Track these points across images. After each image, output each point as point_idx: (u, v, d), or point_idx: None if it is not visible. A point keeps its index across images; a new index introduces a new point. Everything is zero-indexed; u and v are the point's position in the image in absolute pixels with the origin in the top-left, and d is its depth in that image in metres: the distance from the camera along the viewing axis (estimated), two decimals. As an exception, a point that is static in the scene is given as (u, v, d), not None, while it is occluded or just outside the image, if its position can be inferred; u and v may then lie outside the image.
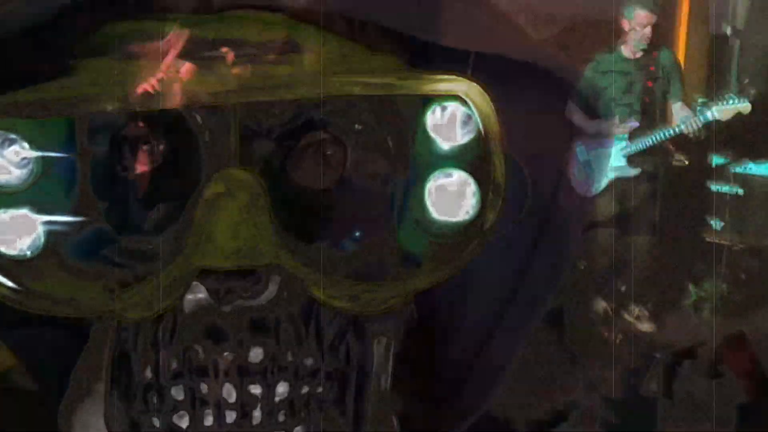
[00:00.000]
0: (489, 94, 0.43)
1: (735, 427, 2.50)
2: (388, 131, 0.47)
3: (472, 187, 0.45)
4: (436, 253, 0.46)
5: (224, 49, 0.43)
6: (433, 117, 0.46)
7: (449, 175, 0.46)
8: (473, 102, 0.43)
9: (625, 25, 3.86)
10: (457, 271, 0.45)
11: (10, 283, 0.42)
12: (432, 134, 0.46)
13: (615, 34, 3.82)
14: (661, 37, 4.00)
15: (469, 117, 0.45)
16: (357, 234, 0.47)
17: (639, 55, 3.85)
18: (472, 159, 0.45)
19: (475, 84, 0.43)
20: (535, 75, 0.47)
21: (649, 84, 3.84)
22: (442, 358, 0.54)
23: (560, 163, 0.51)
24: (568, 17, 4.04)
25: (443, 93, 0.44)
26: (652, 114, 3.86)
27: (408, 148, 0.48)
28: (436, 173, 0.46)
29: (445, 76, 0.43)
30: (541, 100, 0.49)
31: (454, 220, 0.46)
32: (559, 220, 0.51)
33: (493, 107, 0.43)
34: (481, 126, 0.44)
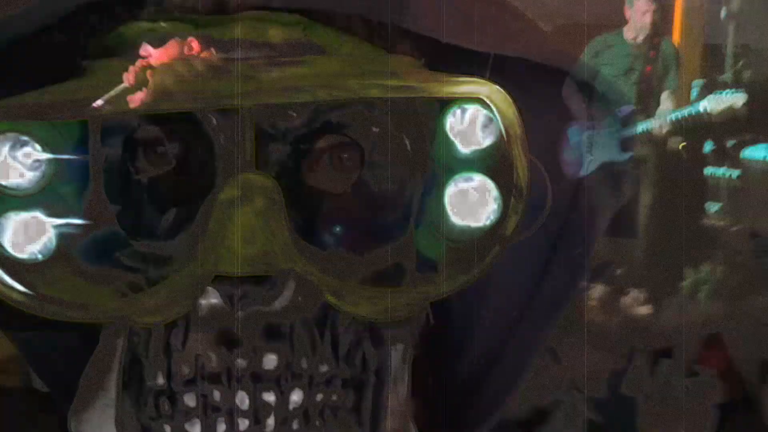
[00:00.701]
0: (510, 97, 0.43)
1: (711, 427, 2.53)
2: (407, 134, 0.46)
3: (493, 191, 0.45)
4: (456, 260, 0.45)
5: (239, 51, 0.42)
6: (453, 120, 0.45)
7: (470, 180, 0.45)
8: (495, 104, 0.42)
9: (627, 12, 3.85)
10: (477, 278, 0.44)
11: (21, 287, 0.41)
12: (452, 137, 0.45)
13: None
14: (663, 22, 3.99)
15: (490, 120, 0.44)
16: (374, 239, 0.46)
17: (641, 39, 3.84)
18: (494, 163, 0.45)
19: (496, 86, 0.42)
20: (554, 77, 0.46)
21: (648, 69, 3.83)
22: (459, 364, 0.53)
23: (575, 171, 0.50)
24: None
25: (464, 95, 0.43)
26: (647, 100, 3.86)
27: (427, 151, 0.47)
28: (456, 177, 0.45)
29: (466, 79, 0.43)
30: (560, 103, 0.48)
31: (474, 225, 0.45)
32: (578, 225, 0.51)
33: (515, 110, 0.43)
34: (503, 129, 0.43)
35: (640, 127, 3.78)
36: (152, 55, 0.40)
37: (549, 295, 0.51)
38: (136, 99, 0.39)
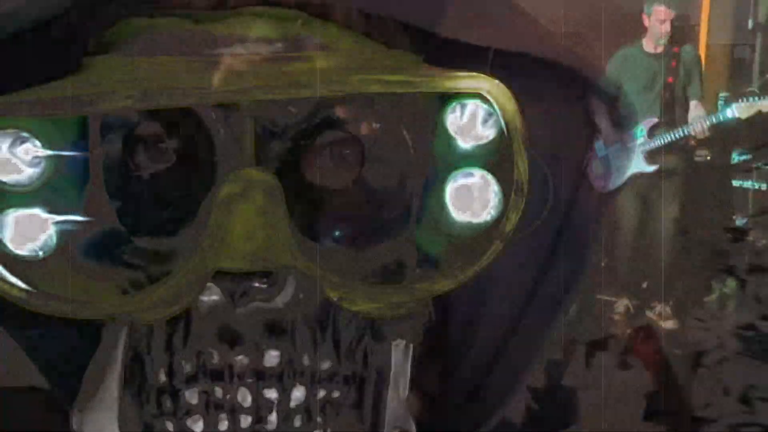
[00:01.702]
0: (510, 92, 0.42)
1: (643, 414, 2.54)
2: (408, 130, 0.46)
3: (493, 187, 0.44)
4: (456, 255, 0.45)
5: (239, 46, 0.42)
6: (453, 115, 0.44)
7: (470, 175, 0.45)
8: (495, 99, 0.42)
9: (645, 20, 3.83)
10: (477, 274, 0.43)
11: (21, 284, 0.41)
12: (452, 133, 0.45)
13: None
14: (682, 32, 3.97)
15: (490, 115, 0.44)
16: (375, 235, 0.46)
17: (660, 50, 3.82)
18: (494, 158, 0.44)
19: (497, 81, 0.42)
20: (556, 72, 0.46)
21: (670, 80, 3.81)
22: (460, 362, 0.53)
23: (580, 162, 0.49)
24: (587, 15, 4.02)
25: (464, 90, 0.43)
26: (672, 110, 3.83)
27: (427, 146, 0.47)
28: (457, 173, 0.45)
29: (467, 74, 0.42)
30: (561, 98, 0.47)
31: (475, 221, 0.45)
32: (579, 222, 0.50)
33: (516, 105, 0.42)
34: (503, 124, 0.42)
35: (667, 137, 3.76)
36: None
37: (551, 291, 0.51)
38: (136, 94, 0.39)
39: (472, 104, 0.44)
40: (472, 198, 0.45)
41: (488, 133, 0.44)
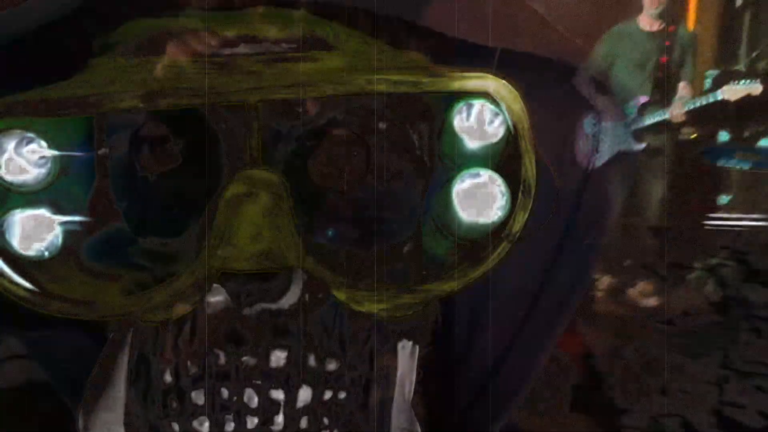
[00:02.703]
0: (517, 92, 0.42)
1: (569, 405, 2.61)
2: (414, 130, 0.46)
3: (501, 187, 0.44)
4: (464, 256, 0.44)
5: (246, 47, 0.42)
6: (460, 115, 0.44)
7: (477, 175, 0.45)
8: (502, 99, 0.42)
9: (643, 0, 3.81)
10: (484, 275, 0.43)
11: (27, 284, 0.41)
12: (459, 133, 0.44)
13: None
14: (677, 8, 3.95)
15: (497, 115, 0.43)
16: (381, 236, 0.46)
17: (656, 27, 3.81)
18: (501, 158, 0.44)
19: (504, 81, 0.42)
20: (561, 72, 0.46)
21: (663, 59, 3.80)
22: (466, 364, 0.53)
23: (585, 162, 0.49)
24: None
25: (471, 90, 0.42)
26: (662, 90, 3.82)
27: (434, 147, 0.47)
28: (464, 173, 0.45)
29: (473, 74, 0.42)
30: (566, 98, 0.47)
31: (482, 221, 0.44)
32: (585, 223, 0.50)
33: (522, 105, 0.42)
34: (510, 124, 0.42)
35: (655, 117, 3.76)
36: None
37: (556, 292, 0.51)
38: (142, 95, 0.39)
39: (479, 104, 0.44)
40: (479, 198, 0.44)
41: (495, 133, 0.44)
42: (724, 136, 4.25)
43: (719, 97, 3.67)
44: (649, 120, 3.75)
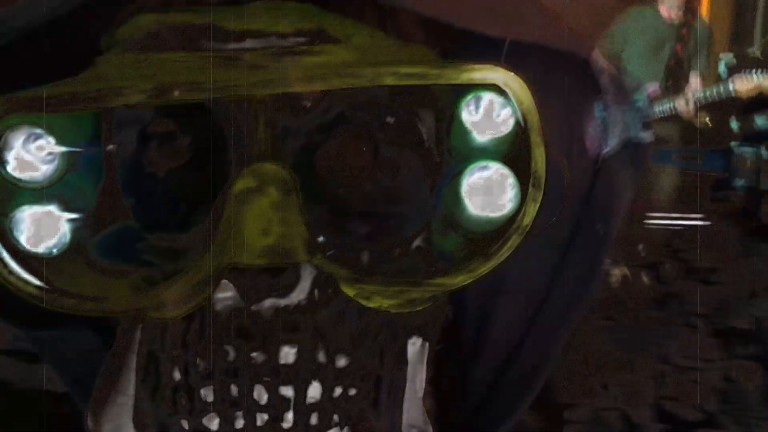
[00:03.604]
0: (526, 83, 0.41)
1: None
2: (422, 123, 0.46)
3: (510, 180, 0.44)
4: (473, 250, 0.44)
5: (253, 40, 0.41)
6: (468, 108, 0.44)
7: (486, 168, 0.44)
8: (511, 91, 0.41)
9: None
10: (494, 269, 0.43)
11: (36, 281, 0.41)
12: (468, 126, 0.44)
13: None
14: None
15: (506, 107, 0.43)
16: (390, 231, 0.46)
17: (674, 15, 3.77)
18: (511, 151, 0.44)
19: (513, 73, 0.41)
20: (571, 64, 0.45)
21: (678, 48, 3.77)
22: (476, 361, 0.53)
23: (595, 156, 0.49)
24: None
25: (480, 82, 0.42)
26: (676, 79, 3.79)
27: (443, 140, 0.46)
28: (473, 166, 0.44)
29: (482, 65, 0.41)
30: (576, 91, 0.47)
31: (491, 215, 0.44)
32: (595, 217, 0.49)
33: (532, 97, 0.41)
34: (519, 116, 0.42)
35: (666, 105, 3.73)
36: None
37: (566, 290, 0.50)
38: (149, 89, 0.39)
39: (487, 96, 0.43)
40: (488, 192, 0.44)
41: (504, 126, 0.44)
42: (735, 123, 4.22)
43: (730, 88, 3.62)
44: (658, 109, 3.71)
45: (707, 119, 3.87)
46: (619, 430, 2.59)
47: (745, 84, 3.60)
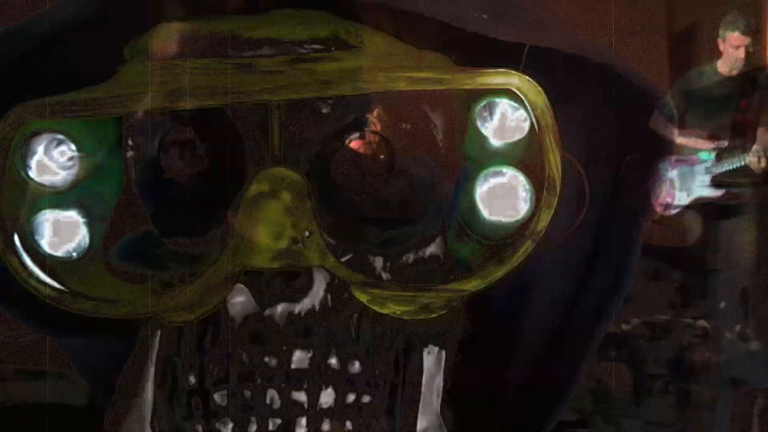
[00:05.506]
0: (543, 90, 0.41)
1: None
2: (437, 129, 0.46)
3: (525, 185, 0.43)
4: (488, 256, 0.44)
5: (270, 48, 0.42)
6: (483, 113, 0.44)
7: (501, 174, 0.44)
8: (526, 96, 0.41)
9: (720, 45, 3.74)
10: (509, 274, 0.42)
11: (55, 284, 0.42)
12: (482, 131, 0.44)
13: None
14: (758, 55, 3.85)
15: (520, 112, 0.43)
16: (404, 236, 0.45)
17: (735, 72, 3.72)
18: (525, 156, 0.44)
19: (527, 78, 0.41)
20: (589, 71, 0.45)
21: (744, 104, 3.70)
22: (501, 373, 0.51)
23: (615, 162, 0.48)
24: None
25: (494, 87, 0.42)
26: (744, 135, 3.71)
27: (458, 146, 0.46)
28: (487, 171, 0.44)
29: (496, 70, 0.41)
30: (595, 97, 0.46)
31: (506, 220, 0.44)
32: (620, 224, 0.48)
33: (547, 102, 0.41)
34: (534, 121, 0.41)
35: (736, 163, 3.64)
36: None
37: (594, 299, 0.49)
38: (167, 95, 0.39)
39: (502, 101, 0.43)
40: (502, 197, 0.44)
41: (518, 131, 0.43)
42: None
43: None
44: (728, 167, 3.62)
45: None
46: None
47: None
